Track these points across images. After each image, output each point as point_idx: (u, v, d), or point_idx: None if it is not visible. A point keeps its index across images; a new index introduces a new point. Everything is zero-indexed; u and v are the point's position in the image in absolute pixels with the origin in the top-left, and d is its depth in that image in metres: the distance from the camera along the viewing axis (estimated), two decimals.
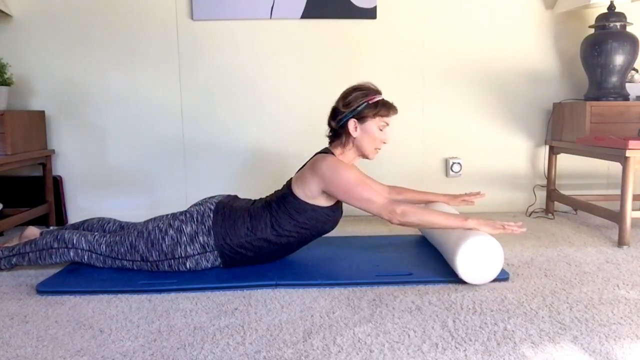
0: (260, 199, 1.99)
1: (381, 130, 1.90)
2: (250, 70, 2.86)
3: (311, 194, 1.83)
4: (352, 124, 1.87)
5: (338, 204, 1.92)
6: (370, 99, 1.86)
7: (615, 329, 1.40)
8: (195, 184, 2.92)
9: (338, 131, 1.91)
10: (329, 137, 1.97)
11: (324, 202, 1.86)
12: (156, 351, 1.32)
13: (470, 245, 1.71)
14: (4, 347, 1.36)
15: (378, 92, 1.91)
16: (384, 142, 1.94)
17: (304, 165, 1.96)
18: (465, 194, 2.28)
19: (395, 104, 1.94)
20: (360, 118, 1.87)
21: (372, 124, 1.88)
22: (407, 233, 2.41)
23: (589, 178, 3.02)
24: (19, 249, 1.93)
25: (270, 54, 2.85)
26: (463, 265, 1.72)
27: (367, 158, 1.96)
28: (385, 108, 1.88)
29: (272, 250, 1.88)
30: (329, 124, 1.94)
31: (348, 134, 1.89)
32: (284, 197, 1.86)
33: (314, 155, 1.96)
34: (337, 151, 1.93)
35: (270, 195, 1.98)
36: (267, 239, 1.85)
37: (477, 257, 1.72)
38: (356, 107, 1.86)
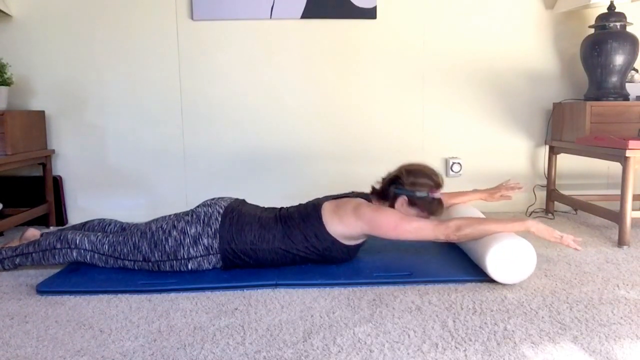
0: (273, 208, 1.99)
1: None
2: (250, 70, 2.86)
3: (348, 234, 1.84)
4: (403, 201, 1.89)
5: (358, 248, 1.93)
6: (433, 194, 1.89)
7: (615, 329, 1.40)
8: (195, 184, 2.92)
9: (388, 195, 1.92)
10: (376, 191, 1.97)
11: (350, 241, 1.87)
12: (156, 351, 1.32)
13: (504, 246, 1.70)
14: (4, 347, 1.36)
15: (440, 187, 1.93)
16: None
17: (336, 197, 1.95)
18: (502, 185, 2.24)
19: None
20: (412, 202, 1.88)
21: (415, 210, 1.89)
22: None
23: (589, 178, 3.02)
24: (22, 250, 1.93)
25: (270, 54, 2.85)
26: (495, 264, 1.71)
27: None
28: (439, 207, 1.91)
29: (273, 260, 1.87)
30: (385, 184, 1.94)
31: (392, 203, 1.90)
32: (309, 218, 1.85)
33: (349, 194, 1.97)
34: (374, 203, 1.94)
35: (286, 208, 1.97)
36: (272, 250, 1.84)
37: (510, 258, 1.71)
38: (417, 193, 1.88)
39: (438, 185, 1.92)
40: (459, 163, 2.95)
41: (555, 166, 2.90)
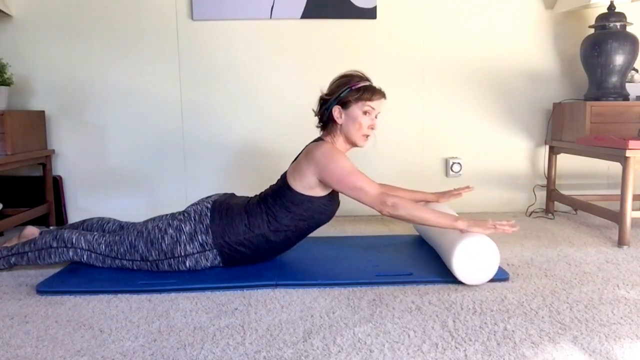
0: (256, 195, 1.99)
1: (366, 114, 1.87)
2: (250, 70, 2.86)
3: (307, 185, 1.83)
4: (336, 110, 1.87)
5: (334, 194, 1.91)
6: (353, 85, 1.86)
7: (615, 329, 1.40)
8: (195, 184, 2.92)
9: (325, 120, 1.91)
10: (319, 127, 1.97)
11: (320, 191, 1.85)
12: (156, 351, 1.32)
13: (465, 246, 1.70)
14: (4, 347, 1.36)
15: (363, 79, 1.90)
16: (372, 128, 1.91)
17: (297, 157, 1.95)
18: (454, 189, 2.24)
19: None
20: (344, 104, 1.86)
21: (356, 109, 1.86)
22: (407, 233, 2.41)
23: (589, 178, 3.02)
24: (17, 249, 1.93)
25: (270, 54, 2.85)
26: (459, 266, 1.72)
27: (357, 146, 1.93)
28: (369, 92, 1.86)
29: (271, 247, 1.88)
30: (318, 111, 1.94)
31: (334, 122, 1.88)
32: (280, 190, 1.86)
33: (307, 145, 1.95)
34: (327, 140, 1.92)
35: (265, 190, 1.97)
36: (264, 235, 1.85)
37: (473, 258, 1.71)
38: (339, 93, 1.86)
39: (355, 76, 1.90)
40: (459, 163, 2.95)
41: (555, 166, 2.90)
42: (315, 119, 1.97)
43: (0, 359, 1.29)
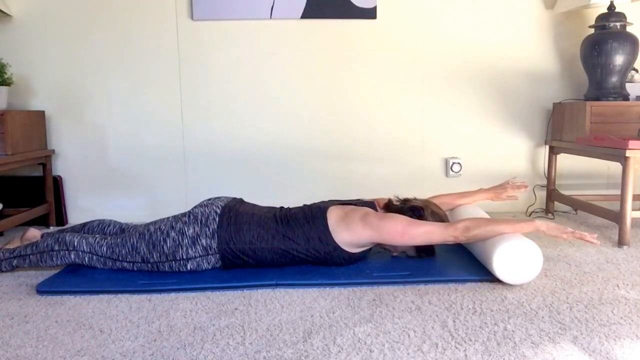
0: (271, 208, 1.98)
1: None
2: (250, 70, 2.86)
3: (356, 242, 1.83)
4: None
5: (359, 256, 1.91)
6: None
7: (615, 329, 1.40)
8: (195, 185, 2.92)
9: (405, 212, 1.91)
10: (392, 207, 1.97)
11: (354, 249, 1.86)
12: (156, 351, 1.32)
13: (511, 247, 1.69)
14: (4, 347, 1.36)
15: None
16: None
17: (342, 203, 1.95)
18: (508, 183, 2.24)
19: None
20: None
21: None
22: None
23: (589, 178, 3.02)
24: (19, 251, 1.93)
25: (270, 54, 2.85)
26: (502, 265, 1.70)
27: (388, 249, 2.02)
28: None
29: (274, 260, 1.87)
30: (405, 206, 1.94)
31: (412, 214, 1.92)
32: (314, 221, 1.84)
33: (356, 201, 1.98)
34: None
35: (289, 208, 1.96)
36: (271, 250, 1.84)
37: (516, 259, 1.70)
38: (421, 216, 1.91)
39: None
40: (459, 163, 2.95)
41: (555, 166, 2.90)
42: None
43: (0, 359, 1.29)
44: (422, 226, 1.78)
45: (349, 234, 1.81)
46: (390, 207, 1.98)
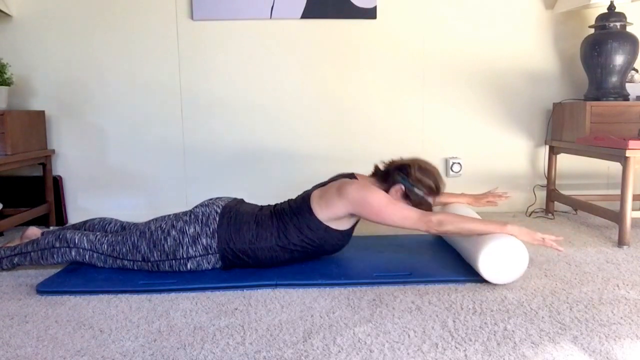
0: (268, 206, 1.98)
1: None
2: (250, 70, 2.86)
3: (334, 216, 1.83)
4: (399, 189, 1.89)
5: (351, 231, 1.92)
6: (429, 197, 1.90)
7: (615, 329, 1.40)
8: (195, 184, 2.92)
9: (388, 178, 1.91)
10: (379, 171, 1.97)
11: (343, 225, 1.87)
12: (156, 351, 1.32)
13: (496, 246, 1.70)
14: (4, 347, 1.36)
15: (439, 194, 1.93)
16: None
17: (323, 184, 1.96)
18: (490, 192, 2.25)
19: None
20: (407, 195, 1.88)
21: (404, 203, 1.87)
22: (407, 233, 2.41)
23: (589, 178, 3.02)
24: (20, 249, 1.93)
25: (270, 54, 2.85)
26: (486, 265, 1.71)
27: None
28: (426, 207, 1.89)
29: (273, 260, 1.87)
30: (391, 167, 1.93)
31: (388, 187, 1.90)
32: (300, 211, 1.85)
33: (336, 177, 1.98)
34: (368, 181, 1.95)
35: (280, 204, 1.97)
36: (270, 248, 1.84)
37: (501, 258, 1.70)
38: (416, 189, 1.88)
39: (438, 191, 1.92)
40: (459, 163, 2.95)
41: (555, 166, 2.90)
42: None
43: (0, 359, 1.29)
44: (399, 209, 1.78)
45: (329, 209, 1.82)
46: (377, 172, 1.98)
